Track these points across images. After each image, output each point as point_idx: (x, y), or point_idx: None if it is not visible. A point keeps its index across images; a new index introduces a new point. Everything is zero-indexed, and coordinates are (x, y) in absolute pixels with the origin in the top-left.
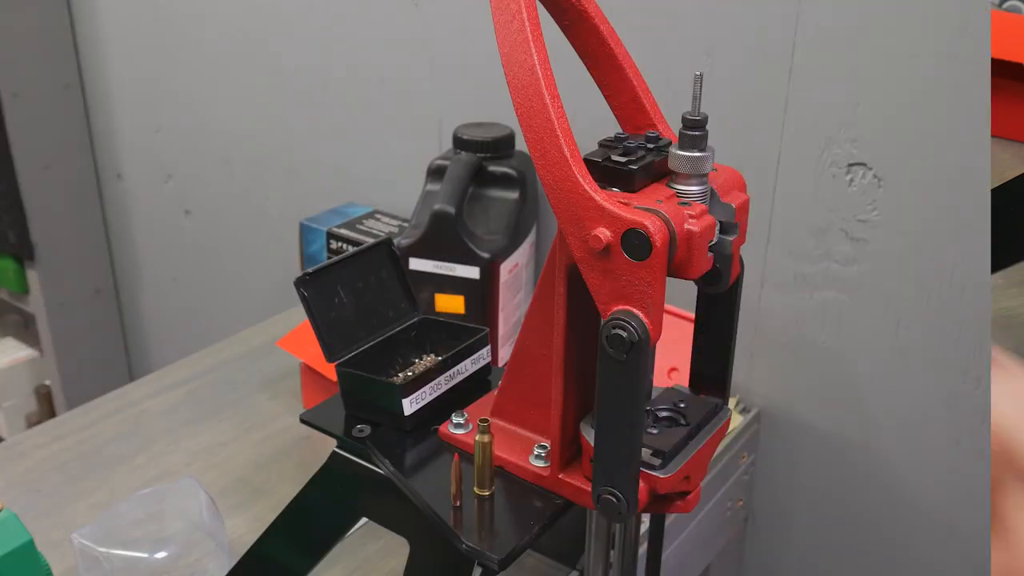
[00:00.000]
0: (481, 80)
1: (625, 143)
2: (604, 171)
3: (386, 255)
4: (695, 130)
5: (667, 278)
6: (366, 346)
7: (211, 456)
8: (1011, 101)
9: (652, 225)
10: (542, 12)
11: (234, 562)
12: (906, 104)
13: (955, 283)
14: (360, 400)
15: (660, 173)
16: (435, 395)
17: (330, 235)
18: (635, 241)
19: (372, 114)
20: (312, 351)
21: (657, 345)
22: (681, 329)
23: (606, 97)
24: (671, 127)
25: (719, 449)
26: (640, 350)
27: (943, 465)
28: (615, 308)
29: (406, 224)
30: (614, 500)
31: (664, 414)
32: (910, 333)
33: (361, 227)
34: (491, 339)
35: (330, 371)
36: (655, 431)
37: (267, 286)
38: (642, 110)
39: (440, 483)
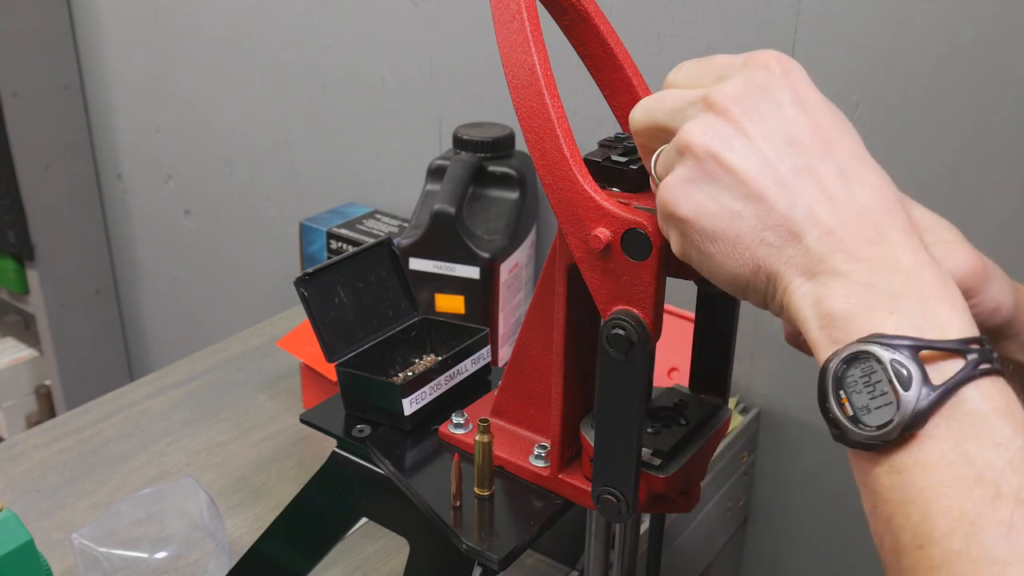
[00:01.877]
0: (481, 80)
1: (625, 143)
2: (604, 171)
3: (386, 255)
4: None
5: (667, 278)
6: (366, 346)
7: (211, 456)
8: None
9: (652, 225)
10: (542, 12)
11: (234, 562)
12: (906, 104)
13: None
14: (360, 400)
15: None
16: (435, 395)
17: (330, 235)
18: (635, 241)
19: (372, 114)
20: (312, 351)
21: (657, 345)
22: (681, 329)
23: (606, 97)
24: None
25: (719, 449)
26: (640, 350)
27: None
28: (615, 308)
29: (406, 224)
30: (614, 500)
31: (664, 414)
32: None
33: (361, 227)
34: (491, 339)
35: (330, 371)
36: (655, 431)
37: (267, 286)
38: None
39: (440, 483)
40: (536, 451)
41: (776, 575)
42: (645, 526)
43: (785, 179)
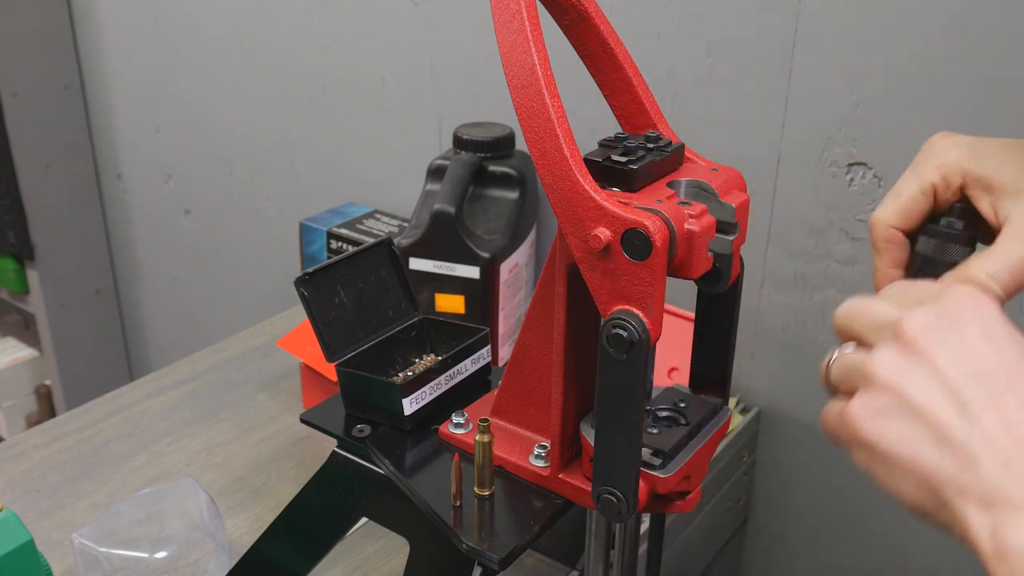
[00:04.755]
0: (481, 80)
1: (625, 143)
2: (604, 171)
3: (386, 255)
4: None
5: (667, 278)
6: (366, 346)
7: (211, 456)
8: None
9: (652, 225)
10: (542, 12)
11: (234, 562)
12: (906, 104)
13: None
14: (360, 400)
15: (660, 173)
16: (435, 395)
17: (330, 235)
18: (635, 241)
19: (372, 114)
20: (312, 351)
21: (657, 345)
22: (681, 329)
23: (606, 97)
24: (671, 127)
25: (719, 449)
26: (640, 350)
27: None
28: (615, 308)
29: (406, 224)
30: (614, 500)
31: (664, 414)
32: None
33: (361, 227)
34: (491, 339)
35: (330, 371)
36: (655, 431)
37: (267, 286)
38: (642, 110)
39: (440, 483)
40: (536, 451)
41: (776, 575)
42: (645, 526)
43: (965, 408)
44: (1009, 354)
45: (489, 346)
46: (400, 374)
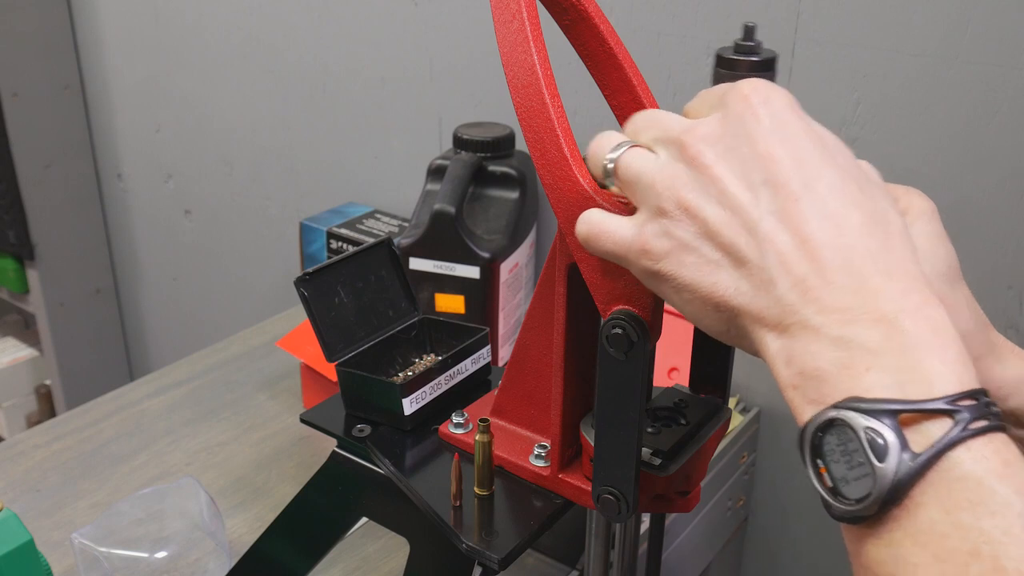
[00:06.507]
0: (481, 80)
1: None
2: None
3: (386, 255)
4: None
5: None
6: (366, 346)
7: (211, 456)
8: None
9: None
10: (542, 12)
11: (234, 562)
12: (906, 104)
13: None
14: (360, 400)
15: None
16: (435, 395)
17: (330, 235)
18: None
19: (372, 114)
20: (312, 351)
21: (657, 345)
22: (681, 329)
23: (606, 97)
24: None
25: (719, 449)
26: (640, 350)
27: None
28: (615, 308)
29: (406, 224)
30: (614, 500)
31: (664, 414)
32: None
33: (361, 227)
34: (491, 339)
35: (330, 371)
36: (655, 431)
37: (267, 286)
38: (642, 110)
39: (440, 483)
40: (536, 451)
41: (776, 575)
42: (645, 526)
43: (757, 225)
44: (805, 155)
45: (489, 346)
46: (400, 374)
